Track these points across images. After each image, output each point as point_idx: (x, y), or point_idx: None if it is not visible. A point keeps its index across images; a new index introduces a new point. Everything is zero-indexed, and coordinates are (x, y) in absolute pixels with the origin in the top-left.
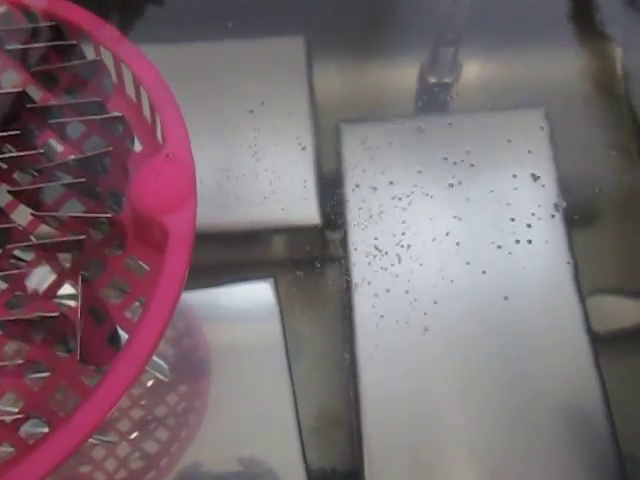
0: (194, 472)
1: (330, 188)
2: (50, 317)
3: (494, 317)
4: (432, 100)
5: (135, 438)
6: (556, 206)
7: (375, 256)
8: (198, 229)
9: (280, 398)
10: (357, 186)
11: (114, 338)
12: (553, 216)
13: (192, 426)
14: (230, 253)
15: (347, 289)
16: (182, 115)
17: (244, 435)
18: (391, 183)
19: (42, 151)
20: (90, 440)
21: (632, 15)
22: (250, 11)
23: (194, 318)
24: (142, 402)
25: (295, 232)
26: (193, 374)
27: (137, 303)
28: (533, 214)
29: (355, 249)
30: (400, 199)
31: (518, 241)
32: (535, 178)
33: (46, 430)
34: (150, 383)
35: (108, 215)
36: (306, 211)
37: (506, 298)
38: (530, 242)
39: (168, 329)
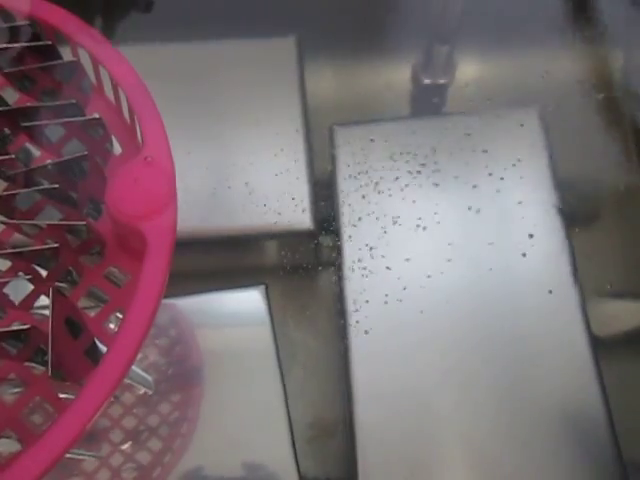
0: None
1: (323, 192)
2: (22, 330)
3: (492, 320)
4: (426, 101)
5: (128, 448)
6: (555, 207)
7: (369, 260)
8: (188, 235)
9: (272, 406)
10: (350, 189)
11: (92, 351)
12: (552, 218)
13: (185, 435)
14: (222, 259)
15: (340, 295)
16: (161, 117)
17: (236, 443)
18: (384, 185)
19: (14, 156)
20: (70, 455)
21: (632, 14)
22: (240, 11)
23: (186, 325)
24: (134, 411)
25: (288, 237)
26: (186, 382)
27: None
28: (532, 216)
29: (348, 253)
30: (393, 201)
31: (516, 244)
32: (532, 179)
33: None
34: (142, 391)
35: (83, 223)
36: (299, 216)
37: (505, 301)
38: (529, 244)
39: (160, 337)
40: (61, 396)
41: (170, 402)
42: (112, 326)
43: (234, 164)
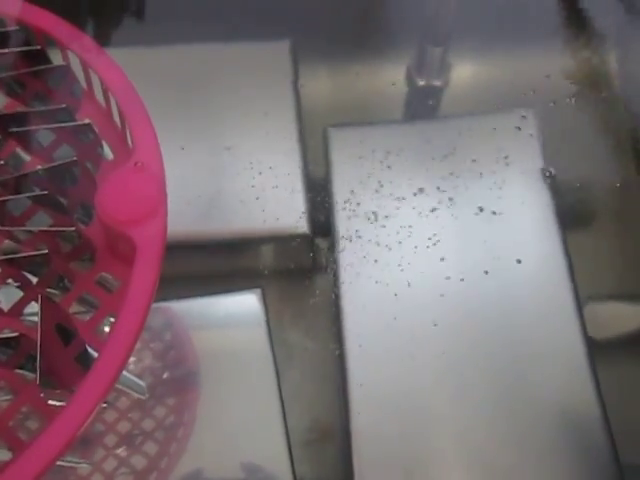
0: None
1: (319, 195)
2: (10, 337)
3: (488, 322)
4: (421, 103)
5: (122, 452)
6: (551, 209)
7: (365, 263)
8: (183, 238)
9: (268, 409)
10: (346, 192)
11: (84, 358)
12: (548, 219)
13: (181, 439)
14: (217, 263)
15: (337, 298)
16: (151, 122)
17: (232, 447)
18: (380, 188)
19: (2, 162)
20: (61, 463)
21: (627, 16)
22: (234, 13)
23: (181, 328)
24: (129, 415)
25: (283, 240)
26: (181, 386)
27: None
28: (528, 218)
29: (344, 256)
30: (389, 205)
31: (512, 245)
32: (528, 181)
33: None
34: (135, 396)
35: (72, 229)
36: (294, 219)
37: (501, 303)
38: (525, 246)
39: (155, 341)
40: (52, 403)
41: (166, 406)
42: (107, 329)
43: (228, 167)
